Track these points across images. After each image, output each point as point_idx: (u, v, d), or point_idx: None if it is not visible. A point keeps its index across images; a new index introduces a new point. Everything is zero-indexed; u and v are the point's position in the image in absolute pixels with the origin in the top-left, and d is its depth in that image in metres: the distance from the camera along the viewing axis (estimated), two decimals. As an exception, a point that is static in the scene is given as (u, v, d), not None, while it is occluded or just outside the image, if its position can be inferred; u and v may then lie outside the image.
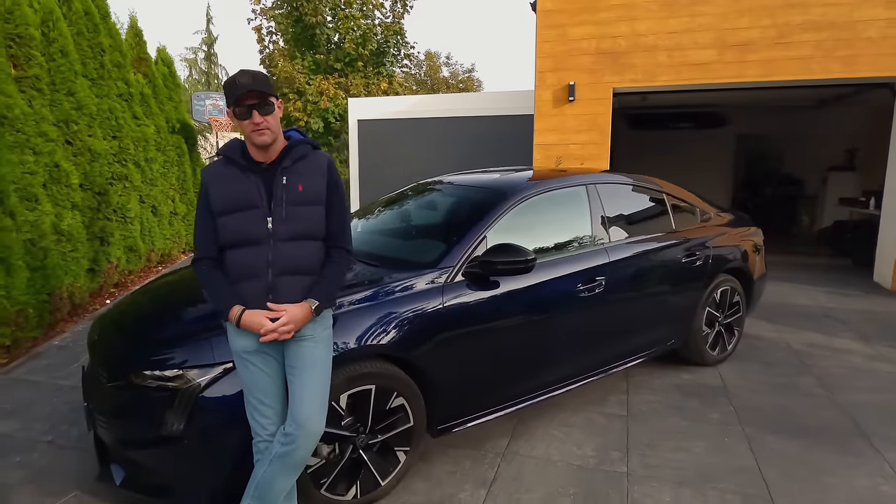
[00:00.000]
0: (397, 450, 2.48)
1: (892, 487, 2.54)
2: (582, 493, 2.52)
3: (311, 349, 1.94)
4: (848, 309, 5.47)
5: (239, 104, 1.82)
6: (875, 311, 5.42)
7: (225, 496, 2.09)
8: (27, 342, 4.42)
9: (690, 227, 3.91)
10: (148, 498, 2.23)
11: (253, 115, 1.81)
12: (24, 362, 4.18)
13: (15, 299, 4.21)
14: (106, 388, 2.26)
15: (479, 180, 3.50)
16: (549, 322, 2.96)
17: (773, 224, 11.39)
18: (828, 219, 10.13)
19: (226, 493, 2.10)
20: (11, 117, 4.64)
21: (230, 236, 1.91)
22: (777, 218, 11.65)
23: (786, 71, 6.12)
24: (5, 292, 4.11)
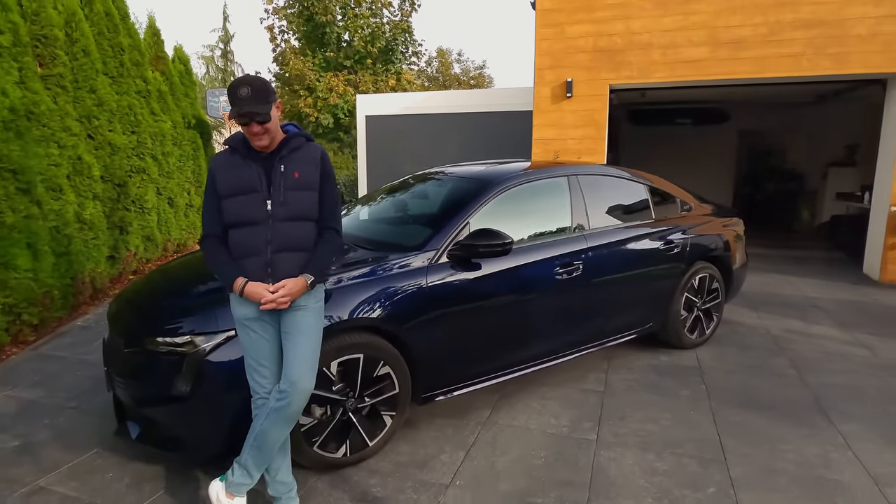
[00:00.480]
0: (384, 414, 2.70)
1: (840, 455, 2.72)
2: (552, 456, 2.73)
3: (304, 317, 2.16)
4: (832, 299, 5.60)
5: (240, 115, 2.03)
6: (859, 300, 5.55)
7: (227, 447, 2.33)
8: (53, 322, 4.73)
9: (670, 216, 4.08)
10: (160, 450, 2.49)
11: (251, 126, 2.03)
12: (49, 340, 4.47)
13: (42, 282, 4.51)
14: (123, 354, 2.52)
15: (466, 171, 3.70)
16: (528, 302, 3.16)
17: (774, 219, 11.52)
18: (827, 213, 10.19)
19: (228, 445, 2.33)
20: (38, 113, 4.92)
21: (233, 217, 2.14)
22: (778, 213, 11.72)
23: (777, 68, 6.23)
24: (33, 275, 4.40)
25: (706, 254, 4.14)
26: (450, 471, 2.61)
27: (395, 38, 13.40)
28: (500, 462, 2.68)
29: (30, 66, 4.91)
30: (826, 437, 2.89)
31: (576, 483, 2.50)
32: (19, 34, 4.81)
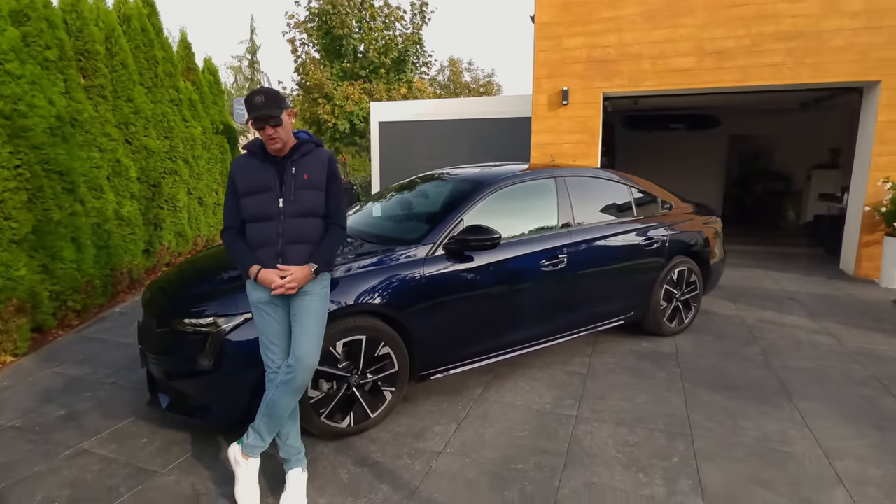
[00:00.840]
0: (384, 389, 2.84)
1: (796, 431, 2.80)
2: (534, 428, 2.85)
3: (310, 302, 2.30)
4: (807, 292, 5.63)
5: (256, 119, 2.17)
6: (832, 294, 5.57)
7: (245, 415, 2.48)
8: (94, 308, 4.93)
9: (651, 215, 4.16)
10: (187, 418, 2.64)
11: (266, 129, 2.18)
12: (91, 324, 4.67)
13: (84, 272, 4.70)
14: (155, 334, 2.68)
15: (463, 173, 3.81)
16: (516, 291, 3.27)
17: (762, 218, 11.49)
18: (811, 213, 10.15)
19: (246, 413, 2.48)
20: (81, 120, 5.11)
21: (250, 213, 2.28)
22: (766, 212, 11.69)
23: (760, 76, 6.26)
24: (76, 266, 4.59)
25: (685, 249, 4.21)
26: (442, 440, 2.74)
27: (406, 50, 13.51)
28: (488, 433, 2.80)
29: (74, 77, 5.10)
30: (785, 415, 2.97)
31: (554, 452, 2.61)
32: (65, 49, 5.00)
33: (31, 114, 4.25)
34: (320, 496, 2.29)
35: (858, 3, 5.79)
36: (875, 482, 2.36)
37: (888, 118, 5.87)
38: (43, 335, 4.30)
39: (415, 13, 13.68)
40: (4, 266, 3.85)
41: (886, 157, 5.94)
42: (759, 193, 11.95)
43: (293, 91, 14.41)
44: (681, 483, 2.36)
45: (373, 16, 13.14)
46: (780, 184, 11.64)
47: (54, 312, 4.40)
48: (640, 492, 2.30)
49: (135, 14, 6.41)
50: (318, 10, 13.09)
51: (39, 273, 4.23)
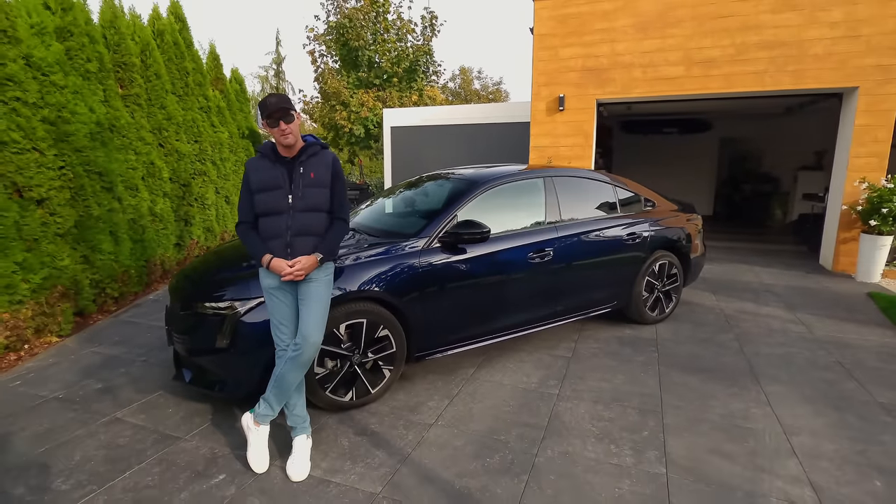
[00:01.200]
0: (383, 368, 2.94)
1: (760, 409, 2.85)
2: (519, 404, 2.93)
3: (315, 287, 2.40)
4: (786, 285, 5.62)
5: (270, 117, 2.29)
6: (809, 286, 5.56)
7: (258, 388, 2.60)
8: (130, 295, 5.10)
9: (634, 212, 4.20)
10: (207, 391, 2.77)
11: (280, 125, 2.29)
12: (127, 309, 4.85)
13: (121, 263, 4.88)
14: (180, 316, 2.81)
15: (461, 173, 3.89)
16: (505, 280, 3.35)
17: (750, 217, 11.40)
18: (796, 212, 10.05)
19: (259, 386, 2.60)
20: (119, 126, 5.28)
21: (263, 208, 2.39)
22: (754, 211, 11.59)
23: (743, 83, 6.23)
24: (114, 257, 4.77)
25: (665, 244, 4.25)
26: (435, 414, 2.84)
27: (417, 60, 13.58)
28: (476, 408, 2.89)
29: (112, 87, 5.27)
30: (751, 396, 3.02)
31: (535, 425, 2.70)
32: (104, 62, 5.17)
33: (73, 120, 4.41)
34: (322, 460, 2.41)
35: (838, 14, 5.74)
36: (827, 456, 2.41)
37: (865, 122, 5.82)
38: (84, 319, 4.48)
39: (425, 26, 13.74)
40: (50, 256, 4.02)
41: (863, 159, 5.89)
42: (748, 193, 11.85)
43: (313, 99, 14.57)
44: (648, 453, 2.43)
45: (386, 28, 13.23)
46: (768, 184, 11.53)
47: (94, 299, 4.58)
48: (610, 461, 2.38)
49: (168, 29, 6.57)
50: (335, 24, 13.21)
51: (81, 263, 4.41)
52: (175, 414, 2.86)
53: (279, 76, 33.54)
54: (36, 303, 3.79)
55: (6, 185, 3.74)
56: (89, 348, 3.86)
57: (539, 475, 2.27)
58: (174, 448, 2.52)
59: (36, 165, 3.95)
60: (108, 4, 5.56)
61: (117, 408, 2.93)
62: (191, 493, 2.18)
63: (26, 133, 3.90)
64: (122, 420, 2.79)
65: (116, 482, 2.25)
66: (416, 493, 2.16)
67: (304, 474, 2.29)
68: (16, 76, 3.88)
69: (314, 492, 2.18)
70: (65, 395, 3.10)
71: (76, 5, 4.95)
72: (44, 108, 4.15)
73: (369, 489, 2.19)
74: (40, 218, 3.97)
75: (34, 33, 4.29)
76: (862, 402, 2.92)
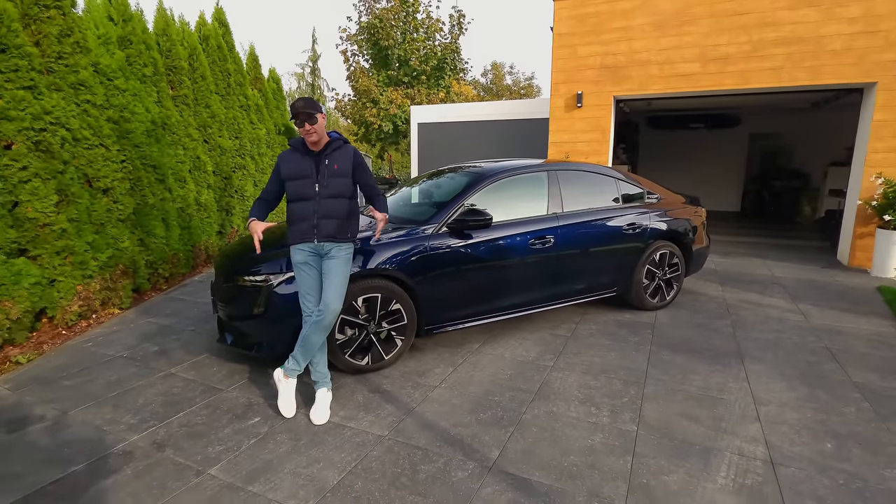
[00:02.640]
0: (396, 337, 3.34)
1: (736, 384, 3.09)
2: (515, 374, 3.27)
3: (336, 263, 2.81)
4: (796, 278, 5.72)
5: (296, 118, 2.69)
6: (819, 280, 5.64)
7: (287, 348, 3.03)
8: (179, 276, 5.69)
9: (636, 204, 4.45)
10: (246, 351, 3.23)
11: (304, 125, 2.70)
12: (176, 288, 5.43)
13: (171, 246, 5.46)
14: (223, 287, 3.29)
15: (472, 166, 4.23)
16: (507, 264, 3.67)
17: (779, 213, 11.27)
18: (825, 209, 9.90)
19: (287, 347, 3.03)
20: (170, 124, 5.86)
21: (293, 194, 2.81)
22: (783, 208, 11.44)
23: (759, 80, 6.31)
24: (165, 241, 5.35)
25: (666, 234, 4.47)
26: (439, 378, 3.21)
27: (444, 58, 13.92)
28: (476, 376, 3.26)
29: (164, 89, 5.86)
30: (732, 373, 3.26)
31: (526, 390, 3.04)
32: (158, 66, 5.75)
33: (132, 119, 4.99)
34: (340, 410, 2.82)
35: (856, 9, 5.76)
36: (789, 423, 2.66)
37: (883, 118, 5.82)
38: (140, 295, 5.07)
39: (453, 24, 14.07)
40: (114, 239, 4.60)
41: (881, 154, 5.89)
42: (778, 189, 11.68)
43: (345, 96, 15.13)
44: (623, 415, 2.74)
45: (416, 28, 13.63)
46: (798, 180, 11.34)
47: (149, 277, 5.17)
48: (588, 419, 2.70)
49: (212, 34, 7.14)
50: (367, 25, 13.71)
51: (138, 246, 4.99)
52: (219, 371, 3.34)
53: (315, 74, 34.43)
54: (102, 278, 4.38)
55: (79, 176, 4.32)
56: (145, 319, 4.43)
57: (523, 428, 2.62)
58: (218, 397, 2.99)
59: (102, 159, 4.53)
60: (160, 14, 6.15)
61: (171, 365, 3.44)
62: (232, 430, 2.63)
63: (95, 131, 4.48)
64: (175, 375, 3.30)
65: (173, 420, 2.74)
66: (416, 437, 2.54)
67: (324, 419, 2.71)
68: (86, 81, 4.45)
69: (332, 432, 2.60)
70: (128, 354, 3.64)
71: (135, 17, 5.54)
72: (109, 109, 4.73)
73: (378, 433, 2.59)
74: (106, 205, 4.55)
75: (100, 43, 4.88)
76: (837, 381, 3.13)
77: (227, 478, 2.23)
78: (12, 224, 3.67)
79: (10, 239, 3.58)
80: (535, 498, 2.08)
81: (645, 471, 2.25)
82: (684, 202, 4.89)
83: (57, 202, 3.94)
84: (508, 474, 2.24)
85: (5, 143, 3.67)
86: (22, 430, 2.63)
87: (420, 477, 2.23)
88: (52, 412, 2.82)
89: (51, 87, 4.14)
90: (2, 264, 3.47)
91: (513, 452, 2.40)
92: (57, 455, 2.41)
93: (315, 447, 2.47)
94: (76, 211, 4.09)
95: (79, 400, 2.96)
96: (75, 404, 2.91)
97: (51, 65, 4.21)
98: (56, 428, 2.66)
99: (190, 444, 2.50)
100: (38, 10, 4.13)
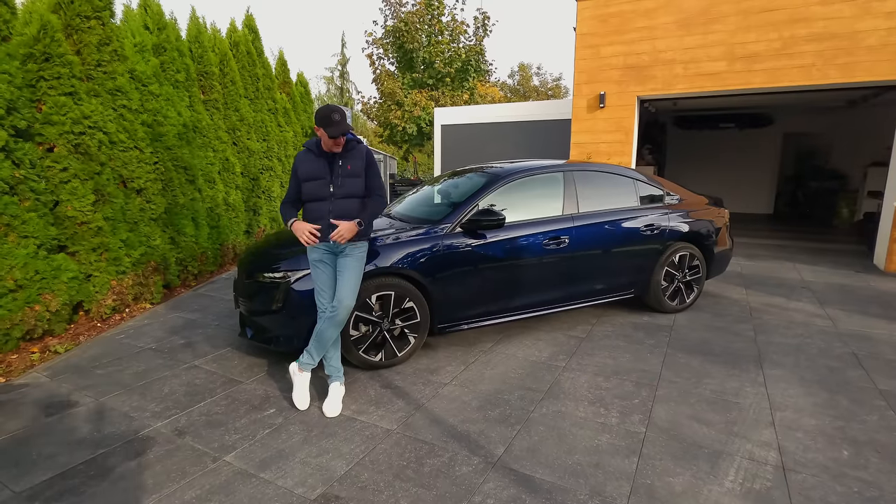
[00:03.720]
0: (409, 335, 3.40)
1: (753, 389, 3.03)
2: (526, 373, 3.29)
3: (351, 261, 2.89)
4: (826, 282, 5.52)
5: (340, 132, 2.70)
6: (851, 284, 5.42)
7: (303, 343, 3.13)
8: (207, 273, 5.91)
9: (655, 205, 4.38)
10: (265, 345, 3.35)
11: (340, 138, 2.77)
12: (204, 285, 5.64)
13: (200, 245, 5.68)
14: (244, 283, 3.42)
15: (488, 167, 4.26)
16: (520, 264, 3.68)
17: (815, 216, 10.85)
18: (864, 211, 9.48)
19: (304, 342, 3.13)
20: (200, 127, 6.10)
21: (309, 195, 2.91)
22: (819, 210, 11.00)
23: (789, 78, 6.12)
24: (194, 240, 5.57)
25: (686, 236, 4.39)
26: (451, 376, 3.26)
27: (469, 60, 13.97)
28: (488, 374, 3.29)
29: (196, 94, 6.10)
30: (749, 377, 3.19)
31: (536, 389, 3.05)
32: (190, 72, 6.00)
33: (165, 123, 5.23)
34: (353, 404, 2.90)
35: (893, 3, 5.52)
36: (804, 429, 2.59)
37: (923, 116, 5.56)
38: (170, 291, 5.30)
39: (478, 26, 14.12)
40: (146, 237, 4.83)
41: (921, 154, 5.63)
42: (813, 191, 11.25)
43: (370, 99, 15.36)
44: (633, 417, 2.72)
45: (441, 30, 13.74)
46: (835, 181, 10.88)
47: (179, 274, 5.39)
48: (597, 419, 2.70)
49: (242, 40, 7.39)
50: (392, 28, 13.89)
51: (169, 244, 5.22)
52: (240, 364, 3.47)
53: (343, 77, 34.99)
54: (135, 274, 4.60)
55: (115, 177, 4.55)
56: (174, 313, 4.63)
57: (530, 426, 2.64)
58: (237, 389, 3.11)
59: (136, 161, 4.76)
60: (193, 22, 6.41)
61: (195, 357, 3.59)
62: (249, 420, 2.74)
63: (130, 134, 4.71)
64: (198, 367, 3.44)
65: (194, 409, 2.87)
66: (424, 432, 2.59)
67: (336, 412, 2.79)
68: (123, 87, 4.69)
69: (343, 425, 2.68)
70: (156, 346, 3.82)
71: (169, 25, 5.80)
72: (143, 114, 4.96)
73: (387, 427, 2.65)
74: (139, 204, 4.78)
75: (136, 51, 5.13)
76: (860, 388, 3.02)
77: (241, 464, 2.33)
78: (53, 222, 3.90)
79: (51, 236, 3.81)
80: (537, 494, 2.10)
81: (650, 472, 2.24)
82: (707, 204, 4.80)
83: (94, 201, 4.16)
84: (512, 470, 2.26)
85: (48, 146, 3.91)
86: (58, 415, 2.81)
87: (425, 470, 2.28)
88: (85, 399, 3.00)
89: (90, 93, 4.39)
90: (43, 259, 3.69)
91: (518, 450, 2.42)
92: (89, 438, 2.57)
93: (326, 438, 2.55)
94: (112, 210, 4.31)
95: (110, 388, 3.13)
96: (106, 392, 3.08)
97: (90, 72, 4.46)
98: (88, 413, 2.82)
99: (209, 432, 2.62)
100: (79, 21, 4.39)
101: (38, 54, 3.83)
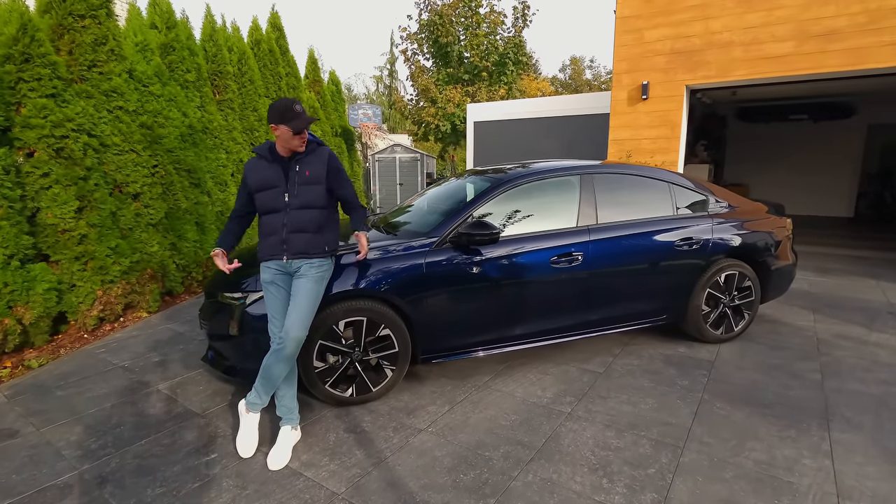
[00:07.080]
0: (385, 367, 2.92)
1: (814, 461, 2.31)
2: (520, 420, 2.72)
3: (304, 283, 2.46)
4: (920, 307, 4.52)
5: (304, 124, 2.34)
6: (955, 311, 4.40)
7: (259, 377, 2.73)
8: (214, 279, 5.72)
9: (696, 214, 3.65)
10: (224, 373, 2.97)
11: (304, 132, 2.38)
12: (209, 292, 5.43)
13: (206, 251, 5.47)
14: (206, 304, 3.07)
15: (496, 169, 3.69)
16: (522, 286, 3.10)
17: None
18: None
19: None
20: (212, 128, 5.92)
21: (262, 206, 2.51)
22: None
23: (878, 58, 5.09)
24: (199, 245, 5.36)
25: (736, 251, 3.64)
26: (430, 419, 2.75)
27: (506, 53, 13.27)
28: (473, 419, 2.75)
29: (208, 94, 5.92)
30: (811, 442, 2.47)
31: (527, 445, 2.48)
32: (201, 72, 5.82)
33: (166, 124, 5.03)
34: (305, 452, 2.46)
35: None
36: (888, 533, 1.88)
37: None
38: (173, 298, 5.12)
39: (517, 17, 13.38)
40: (142, 243, 4.65)
41: None
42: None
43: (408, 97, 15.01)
44: (644, 495, 2.10)
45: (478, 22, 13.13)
46: (933, 180, 9.36)
47: (181, 281, 5.20)
48: (596, 496, 2.10)
49: (264, 38, 7.20)
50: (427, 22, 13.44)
51: (169, 250, 5.03)
52: (204, 391, 3.13)
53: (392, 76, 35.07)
54: (126, 283, 4.41)
55: (107, 181, 4.38)
56: (165, 324, 4.40)
57: (508, 500, 2.08)
58: (189, 423, 2.76)
59: (132, 165, 4.58)
60: (208, 20, 6.24)
61: (163, 380, 3.29)
62: (183, 467, 2.36)
63: (125, 137, 4.53)
64: (160, 392, 3.14)
65: (132, 448, 2.53)
66: (374, 499, 2.10)
67: (282, 464, 2.36)
68: (119, 88, 4.51)
69: (283, 482, 2.24)
70: (129, 364, 3.57)
71: (178, 24, 5.63)
72: (142, 115, 4.78)
73: (333, 488, 2.19)
74: (135, 210, 4.60)
75: (138, 50, 4.96)
76: (971, 470, 2.23)
77: (146, 534, 1.95)
78: (30, 230, 3.74)
79: (26, 245, 3.64)
80: None
81: (654, 592, 1.64)
82: (766, 211, 4.00)
83: (79, 208, 3.98)
84: (466, 573, 1.73)
85: (27, 151, 3.75)
86: (-9, 446, 2.56)
87: (357, 561, 1.79)
88: (27, 428, 2.74)
89: (81, 95, 4.22)
90: (15, 270, 3.52)
91: (483, 538, 1.88)
92: (2, 483, 2.28)
93: (258, 500, 2.12)
94: (98, 217, 4.12)
95: (59, 415, 2.87)
96: (53, 420, 2.82)
97: (83, 73, 4.30)
98: (20, 447, 2.56)
99: (134, 481, 2.26)
100: (72, 20, 4.23)
101: (17, 55, 3.67)
